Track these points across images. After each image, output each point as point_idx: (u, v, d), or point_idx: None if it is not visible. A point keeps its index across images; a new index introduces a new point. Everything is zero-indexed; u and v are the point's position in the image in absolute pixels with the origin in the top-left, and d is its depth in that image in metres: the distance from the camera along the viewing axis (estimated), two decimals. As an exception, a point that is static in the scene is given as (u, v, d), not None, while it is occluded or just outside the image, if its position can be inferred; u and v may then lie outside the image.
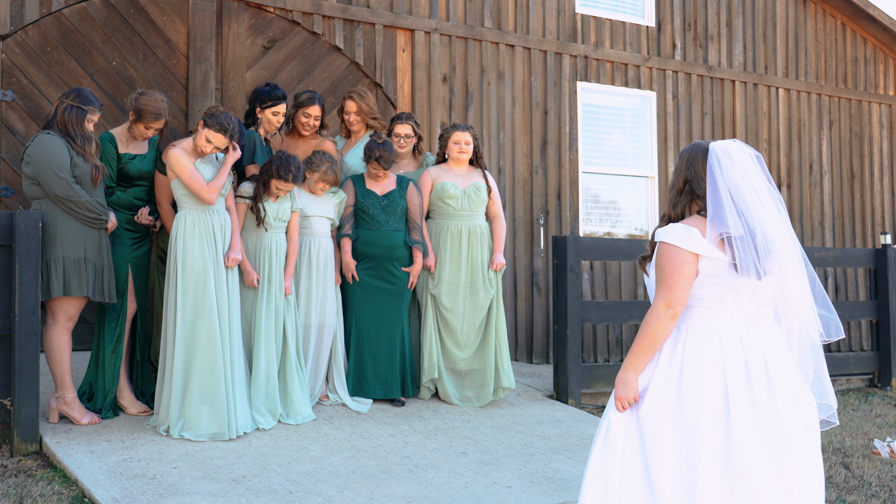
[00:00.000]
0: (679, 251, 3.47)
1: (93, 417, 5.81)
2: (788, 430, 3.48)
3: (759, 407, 3.45)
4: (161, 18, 7.91)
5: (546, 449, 6.13)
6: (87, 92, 5.81)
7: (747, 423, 3.44)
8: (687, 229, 3.48)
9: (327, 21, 8.56)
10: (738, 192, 3.47)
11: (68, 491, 4.90)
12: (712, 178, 3.48)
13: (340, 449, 5.77)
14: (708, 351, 3.49)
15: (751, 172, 3.52)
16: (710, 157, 3.52)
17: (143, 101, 5.98)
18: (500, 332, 7.06)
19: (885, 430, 7.53)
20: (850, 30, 12.16)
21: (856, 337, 11.59)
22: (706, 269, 3.48)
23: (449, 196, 6.99)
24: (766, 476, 3.42)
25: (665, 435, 3.46)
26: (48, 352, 5.74)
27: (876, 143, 12.27)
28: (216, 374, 5.71)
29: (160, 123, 6.05)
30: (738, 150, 3.54)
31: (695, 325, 3.54)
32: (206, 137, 5.84)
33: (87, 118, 5.73)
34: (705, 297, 3.52)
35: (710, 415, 3.44)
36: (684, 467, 3.43)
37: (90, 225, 5.66)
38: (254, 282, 6.15)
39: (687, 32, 10.75)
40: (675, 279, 3.48)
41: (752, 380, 3.48)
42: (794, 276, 3.54)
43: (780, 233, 3.51)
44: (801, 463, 3.50)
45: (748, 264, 3.44)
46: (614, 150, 10.35)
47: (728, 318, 3.52)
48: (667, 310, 3.50)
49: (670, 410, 3.49)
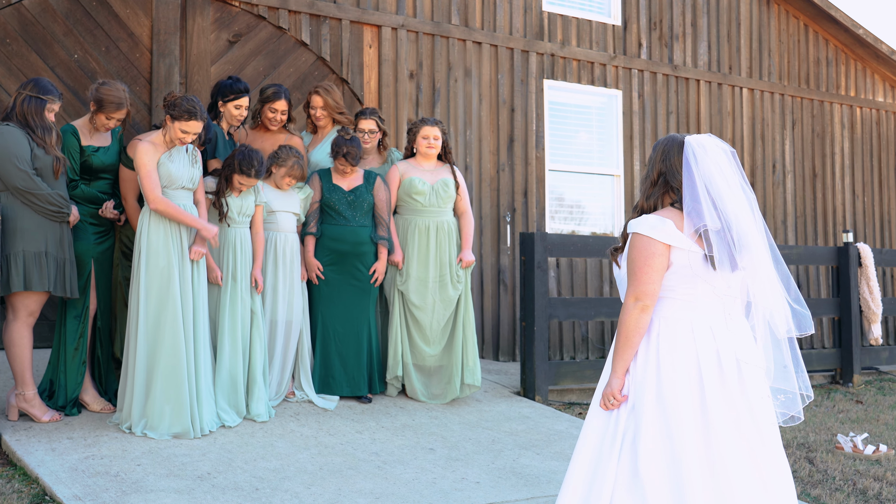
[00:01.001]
0: (651, 242, 3.47)
1: (53, 415, 5.70)
2: (760, 420, 3.51)
3: (731, 397, 3.47)
4: (124, 11, 7.80)
5: (514, 445, 6.11)
6: (45, 81, 5.69)
7: (722, 412, 3.45)
8: (661, 220, 3.49)
9: (293, 16, 8.49)
10: (713, 185, 3.48)
11: (28, 489, 4.80)
12: (688, 170, 3.49)
13: (307, 446, 5.72)
14: (681, 342, 3.50)
15: (725, 166, 3.54)
16: (686, 150, 3.52)
17: (104, 91, 5.87)
18: (467, 329, 7.03)
19: (847, 426, 7.60)
20: (813, 31, 12.29)
21: (818, 335, 11.71)
22: (679, 261, 3.49)
23: (417, 192, 6.95)
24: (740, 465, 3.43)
25: (648, 427, 3.47)
26: (8, 348, 5.62)
27: (837, 143, 12.41)
28: (180, 372, 5.62)
29: (122, 113, 5.93)
30: (713, 144, 3.56)
31: (666, 318, 3.55)
32: (181, 129, 5.73)
33: (46, 108, 5.61)
34: (677, 288, 3.52)
35: (688, 404, 3.45)
36: (669, 457, 3.44)
37: (51, 218, 5.55)
38: (217, 279, 6.07)
39: (652, 32, 10.80)
40: (645, 271, 3.48)
41: (724, 370, 3.49)
42: (763, 269, 3.56)
43: (751, 227, 3.53)
44: (772, 452, 3.52)
45: (724, 257, 3.45)
46: (580, 148, 10.37)
47: (700, 309, 3.53)
48: (636, 302, 3.51)
49: (652, 402, 3.49)
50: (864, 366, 10.03)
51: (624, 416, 3.57)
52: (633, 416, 3.54)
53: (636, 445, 3.49)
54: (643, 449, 3.47)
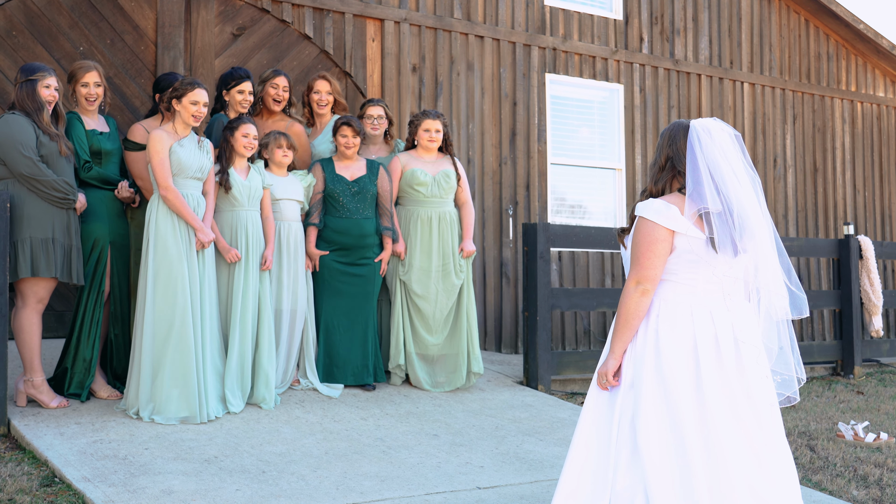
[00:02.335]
0: (655, 227, 3.53)
1: (61, 401, 5.75)
2: (757, 403, 3.56)
3: (728, 378, 3.52)
4: (129, 4, 7.86)
5: (517, 431, 6.16)
6: (32, 64, 5.81)
7: (718, 392, 3.51)
8: (666, 206, 3.55)
9: (297, 9, 8.54)
10: (717, 168, 3.55)
11: (38, 471, 4.85)
12: (692, 153, 3.55)
13: (312, 431, 5.77)
14: (679, 324, 3.56)
15: (729, 151, 3.60)
16: (691, 134, 3.59)
17: (72, 67, 6.11)
18: (470, 317, 7.09)
19: (848, 415, 7.65)
20: (814, 26, 12.33)
21: (816, 327, 11.76)
22: (683, 246, 3.55)
23: (419, 183, 7.00)
24: (735, 447, 3.49)
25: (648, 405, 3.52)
26: (17, 335, 5.67)
27: (838, 137, 12.46)
28: (188, 358, 5.67)
29: (91, 74, 6.00)
30: (718, 128, 3.62)
31: (667, 300, 3.61)
32: (191, 102, 5.83)
33: (38, 86, 5.68)
34: (679, 272, 3.58)
35: (686, 383, 3.50)
36: (668, 434, 3.49)
37: (57, 205, 5.61)
38: (235, 256, 6.09)
39: (654, 26, 10.85)
40: (648, 256, 3.55)
41: (722, 352, 3.55)
42: (766, 253, 3.62)
43: (754, 211, 3.59)
44: (770, 431, 3.57)
45: (725, 241, 3.51)
46: (582, 142, 10.42)
47: (700, 294, 3.59)
48: (637, 286, 3.57)
49: (650, 380, 3.54)
50: (865, 358, 10.07)
51: (622, 395, 3.63)
52: (630, 394, 3.60)
53: (635, 423, 3.55)
54: (642, 426, 3.52)
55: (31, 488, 4.60)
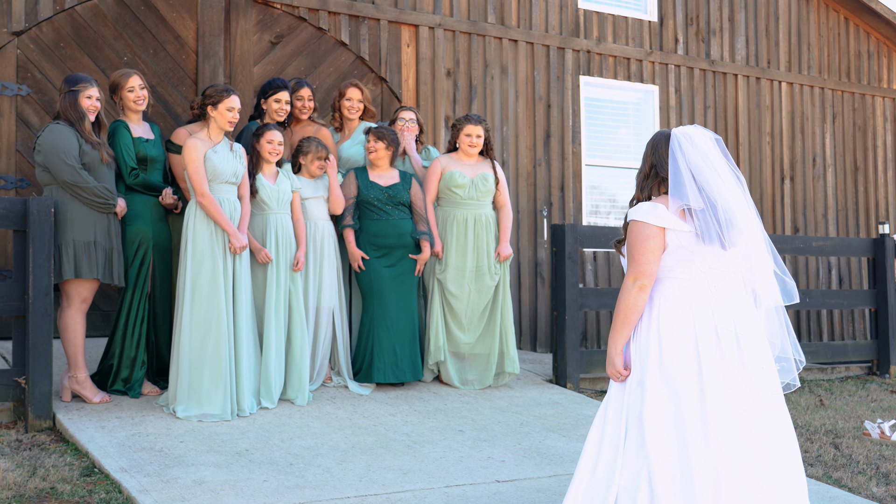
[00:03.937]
0: (645, 226, 3.72)
1: (104, 396, 6.04)
2: (759, 393, 3.70)
3: (728, 369, 3.67)
4: (171, 14, 8.16)
5: (541, 428, 6.31)
6: (74, 75, 6.12)
7: (718, 384, 3.66)
8: (653, 206, 3.75)
9: (333, 17, 8.78)
10: (699, 171, 3.75)
11: (79, 462, 5.13)
12: (674, 159, 3.75)
13: (341, 426, 5.98)
14: (679, 317, 3.72)
15: (711, 154, 3.80)
16: (672, 142, 3.80)
17: (112, 77, 6.39)
18: (505, 318, 7.25)
19: (878, 414, 7.66)
20: (854, 24, 12.28)
21: (857, 326, 11.71)
22: (673, 242, 3.72)
23: (457, 185, 7.18)
24: (735, 437, 3.63)
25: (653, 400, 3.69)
26: (63, 333, 5.97)
27: (880, 136, 12.38)
28: (224, 357, 5.92)
29: (133, 79, 6.30)
30: (699, 134, 3.82)
31: (667, 295, 3.77)
32: (227, 109, 6.12)
33: (80, 96, 5.98)
34: (675, 268, 3.75)
35: (688, 376, 3.67)
36: (673, 428, 3.65)
37: (99, 210, 5.90)
38: (266, 256, 6.32)
39: (689, 27, 10.91)
40: (641, 252, 3.73)
41: (722, 345, 3.70)
42: (755, 247, 3.80)
43: (740, 207, 3.78)
44: (772, 424, 3.71)
45: (711, 234, 3.68)
46: (617, 143, 10.52)
47: (698, 287, 3.74)
48: (634, 282, 3.75)
49: (655, 375, 3.71)
50: (902, 357, 10.01)
51: (631, 392, 3.81)
52: (637, 391, 3.78)
53: (642, 418, 3.71)
54: (648, 420, 3.68)
55: (71, 478, 4.88)
